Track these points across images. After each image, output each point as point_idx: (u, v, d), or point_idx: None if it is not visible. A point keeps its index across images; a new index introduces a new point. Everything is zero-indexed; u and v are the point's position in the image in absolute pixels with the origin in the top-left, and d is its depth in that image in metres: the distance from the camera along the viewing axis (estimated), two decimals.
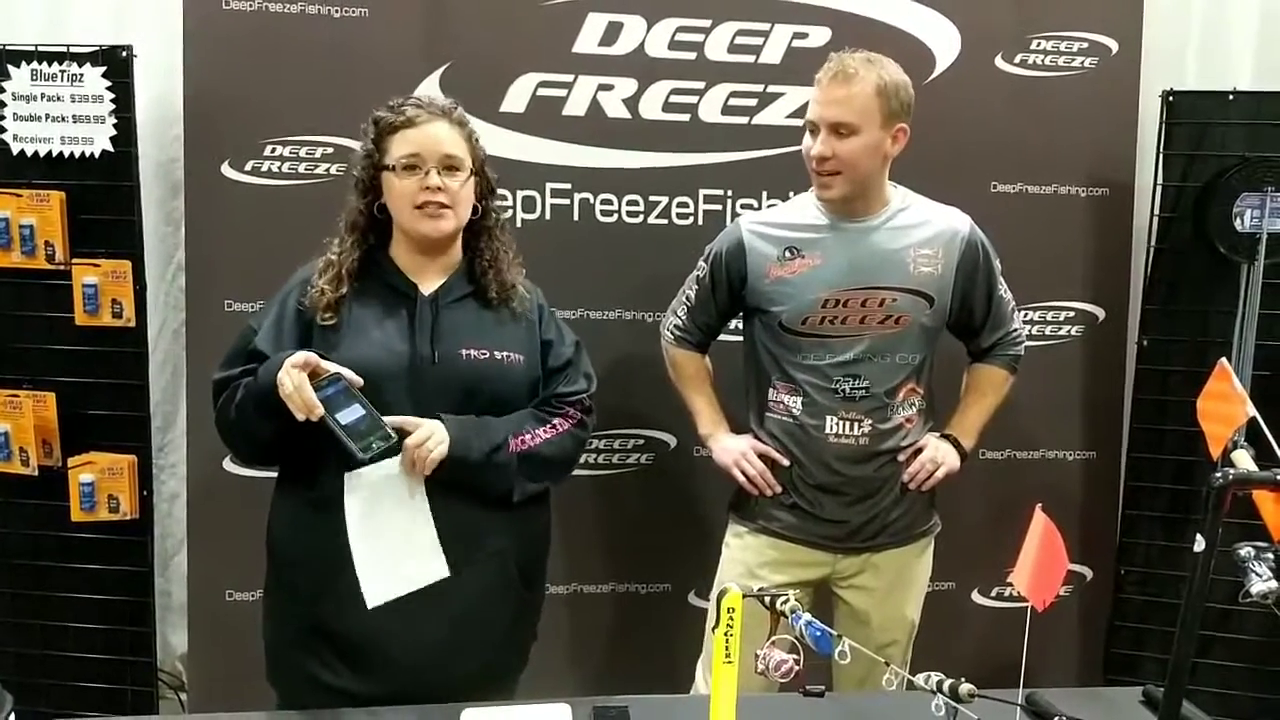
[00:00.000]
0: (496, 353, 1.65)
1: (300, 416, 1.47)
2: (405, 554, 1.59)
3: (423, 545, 1.59)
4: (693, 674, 2.16)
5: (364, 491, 1.57)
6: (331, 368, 1.51)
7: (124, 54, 2.37)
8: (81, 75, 2.36)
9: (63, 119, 2.37)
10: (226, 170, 2.44)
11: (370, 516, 1.57)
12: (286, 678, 1.66)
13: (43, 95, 2.37)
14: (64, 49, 2.37)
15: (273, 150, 2.45)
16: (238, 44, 2.41)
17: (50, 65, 2.36)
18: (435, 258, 1.69)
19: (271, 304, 1.68)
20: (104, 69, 2.36)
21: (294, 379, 1.47)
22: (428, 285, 1.67)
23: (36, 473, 2.43)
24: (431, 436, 1.56)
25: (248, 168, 2.45)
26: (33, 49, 2.37)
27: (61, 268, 2.39)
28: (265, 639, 1.70)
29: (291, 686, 1.64)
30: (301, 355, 1.50)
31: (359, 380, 1.52)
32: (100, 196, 2.40)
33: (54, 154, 2.38)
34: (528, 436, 1.67)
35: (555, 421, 1.72)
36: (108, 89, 2.36)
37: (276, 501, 1.70)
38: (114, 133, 2.37)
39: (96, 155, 2.38)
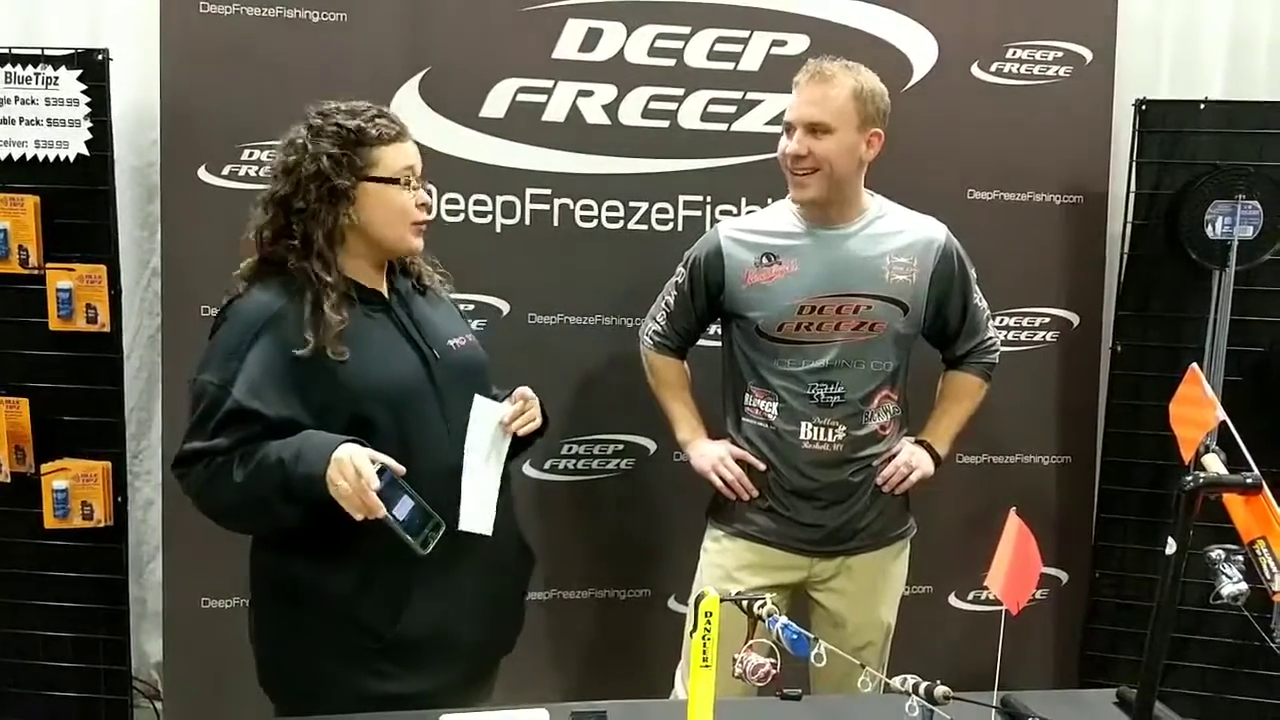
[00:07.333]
0: (467, 336, 1.71)
1: (358, 516, 1.40)
2: (485, 495, 1.62)
3: (489, 496, 1.63)
4: (672, 680, 2.17)
5: (485, 424, 1.62)
6: (379, 459, 1.43)
7: (100, 57, 2.36)
8: (57, 78, 2.34)
9: (37, 122, 2.35)
10: (203, 175, 2.43)
11: (484, 447, 1.61)
12: (331, 702, 1.52)
13: (17, 98, 2.35)
14: (39, 52, 2.35)
15: (250, 155, 2.44)
16: (215, 48, 2.40)
17: (25, 68, 2.34)
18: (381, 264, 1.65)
19: (229, 355, 1.48)
20: (80, 72, 2.34)
21: (351, 480, 1.38)
22: (382, 290, 1.64)
23: (9, 479, 2.41)
24: (535, 403, 1.67)
25: (224, 172, 2.44)
26: (7, 51, 2.35)
27: (35, 272, 2.37)
28: (291, 673, 1.60)
29: (337, 708, 1.52)
30: (363, 453, 1.41)
31: (402, 469, 1.45)
32: (75, 200, 2.38)
33: (28, 157, 2.36)
34: None
35: None
36: (83, 92, 2.34)
37: (294, 541, 1.55)
38: (89, 136, 2.35)
39: (71, 159, 2.36)
